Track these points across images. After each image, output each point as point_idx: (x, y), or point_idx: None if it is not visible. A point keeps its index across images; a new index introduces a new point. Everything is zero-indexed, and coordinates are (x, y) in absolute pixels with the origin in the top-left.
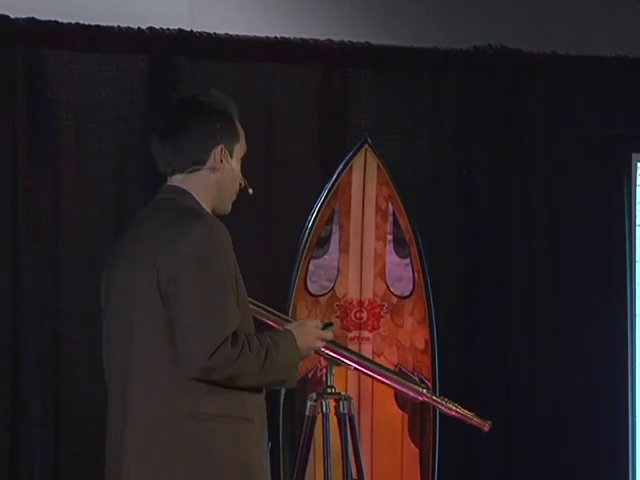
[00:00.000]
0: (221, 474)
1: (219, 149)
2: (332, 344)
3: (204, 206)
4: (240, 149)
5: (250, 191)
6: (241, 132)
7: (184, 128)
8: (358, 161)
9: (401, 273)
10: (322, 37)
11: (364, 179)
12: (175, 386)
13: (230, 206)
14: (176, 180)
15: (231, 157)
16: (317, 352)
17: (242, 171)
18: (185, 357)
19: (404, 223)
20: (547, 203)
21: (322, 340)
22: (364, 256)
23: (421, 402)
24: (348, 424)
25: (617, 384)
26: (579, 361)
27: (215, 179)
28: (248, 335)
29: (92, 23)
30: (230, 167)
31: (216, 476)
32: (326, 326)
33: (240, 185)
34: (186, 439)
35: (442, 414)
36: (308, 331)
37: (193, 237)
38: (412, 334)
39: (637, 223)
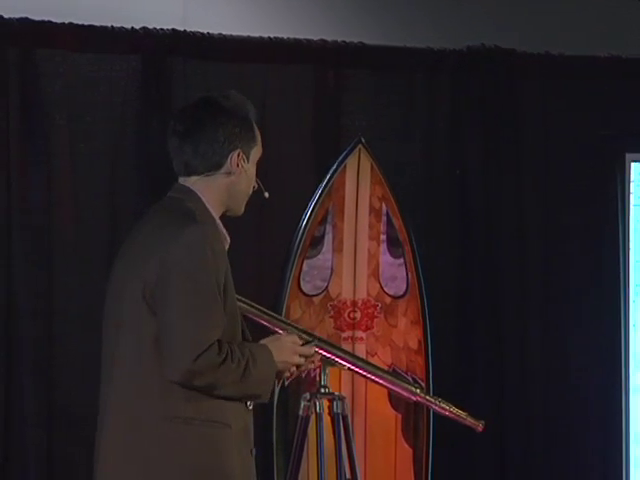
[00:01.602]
0: (195, 477)
1: (236, 154)
2: (325, 344)
3: (210, 208)
4: (257, 152)
5: (266, 195)
6: (259, 136)
7: (205, 131)
8: (352, 161)
9: (395, 273)
10: (315, 37)
11: (358, 179)
12: (155, 388)
13: (243, 208)
14: (189, 181)
15: (247, 161)
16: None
17: (257, 174)
18: (169, 360)
19: (398, 223)
20: (540, 203)
21: (300, 356)
22: (358, 256)
23: (415, 402)
24: (342, 424)
25: (611, 384)
26: (573, 361)
27: (228, 183)
28: (231, 344)
29: (86, 23)
30: (245, 171)
31: (190, 479)
32: (307, 342)
33: (254, 188)
34: (161, 442)
35: (436, 414)
36: (284, 346)
37: (184, 241)
38: (406, 334)
39: (631, 222)
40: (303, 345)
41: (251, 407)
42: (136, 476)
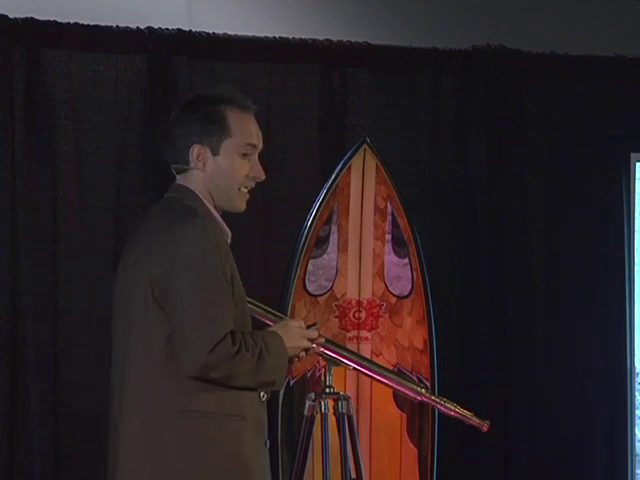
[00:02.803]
0: (216, 470)
1: (194, 149)
2: (331, 344)
3: (207, 204)
4: (233, 144)
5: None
6: (236, 127)
7: (170, 129)
8: (357, 161)
9: (400, 273)
10: (321, 37)
11: (363, 179)
12: (169, 384)
13: (239, 203)
14: (179, 179)
15: (215, 154)
16: (317, 353)
17: (261, 163)
18: (185, 355)
19: (403, 223)
20: (546, 203)
21: (308, 339)
22: (363, 256)
23: (420, 402)
24: (347, 424)
25: (616, 386)
26: (578, 361)
27: (203, 178)
28: (244, 334)
29: (91, 23)
30: (216, 165)
31: (211, 472)
32: (310, 326)
33: (253, 178)
34: (180, 436)
35: (441, 414)
36: (292, 331)
37: (188, 236)
38: (411, 334)
39: (636, 222)
40: (308, 329)
41: (265, 399)
42: (158, 473)
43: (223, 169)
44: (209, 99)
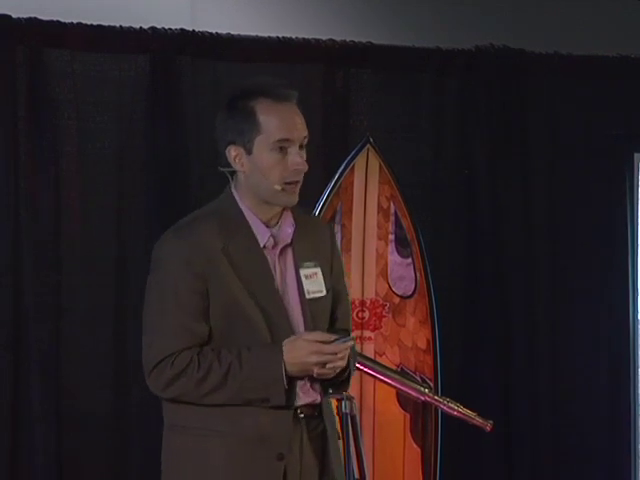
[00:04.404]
0: None
1: (230, 150)
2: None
3: (241, 205)
4: (264, 140)
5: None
6: (266, 121)
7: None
8: (360, 161)
9: (403, 273)
10: (324, 37)
11: (366, 179)
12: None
13: (285, 199)
14: (231, 182)
15: (250, 153)
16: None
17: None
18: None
19: (406, 223)
20: (548, 203)
21: (320, 354)
22: (366, 256)
23: (423, 402)
24: (350, 424)
25: (618, 384)
26: (580, 361)
27: (244, 179)
28: (204, 352)
29: (94, 23)
30: (252, 164)
31: None
32: (336, 340)
33: (295, 172)
34: (163, 450)
35: (444, 414)
36: (298, 346)
37: (153, 257)
38: (414, 334)
39: (639, 222)
40: (333, 342)
41: (290, 409)
42: None
43: (259, 167)
44: (239, 96)
